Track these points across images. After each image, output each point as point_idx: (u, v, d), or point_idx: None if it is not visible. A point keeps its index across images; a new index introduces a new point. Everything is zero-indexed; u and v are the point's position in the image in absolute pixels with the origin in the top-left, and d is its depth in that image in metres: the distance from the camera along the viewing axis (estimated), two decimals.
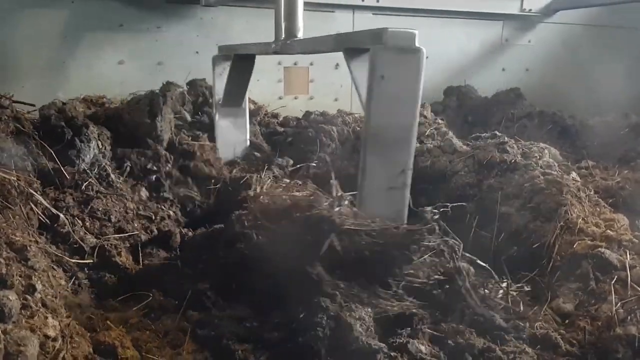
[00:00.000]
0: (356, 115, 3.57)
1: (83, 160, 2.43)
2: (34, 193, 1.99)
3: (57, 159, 2.31)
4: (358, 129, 3.35)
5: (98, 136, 2.55)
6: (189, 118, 3.13)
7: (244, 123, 3.08)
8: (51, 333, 1.15)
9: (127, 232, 2.18)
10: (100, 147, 2.54)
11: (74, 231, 1.98)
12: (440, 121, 3.59)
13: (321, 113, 3.60)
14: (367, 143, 1.69)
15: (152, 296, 1.76)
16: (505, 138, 2.94)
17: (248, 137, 3.14)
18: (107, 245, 2.00)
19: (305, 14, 2.66)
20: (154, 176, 2.60)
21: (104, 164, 2.46)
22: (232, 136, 3.05)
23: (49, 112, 2.48)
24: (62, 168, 2.27)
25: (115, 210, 2.22)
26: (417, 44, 1.58)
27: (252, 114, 3.37)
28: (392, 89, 1.60)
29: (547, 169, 2.61)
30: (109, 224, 2.15)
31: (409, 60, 1.58)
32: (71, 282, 1.79)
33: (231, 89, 2.95)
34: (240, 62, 2.88)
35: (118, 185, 2.41)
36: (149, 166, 2.60)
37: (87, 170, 2.38)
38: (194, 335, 1.54)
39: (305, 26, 2.53)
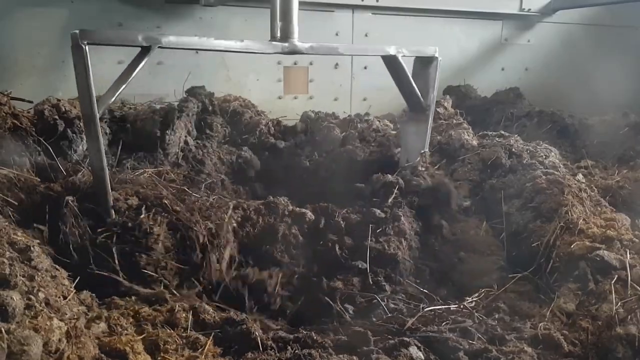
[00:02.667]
0: None
1: (75, 151, 2.45)
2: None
3: (52, 151, 2.32)
4: None
5: None
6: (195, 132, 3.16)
7: (424, 130, 2.90)
8: (56, 333, 1.15)
9: None
10: None
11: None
12: (460, 118, 3.57)
13: None
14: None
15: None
16: (512, 140, 2.93)
17: (427, 145, 2.94)
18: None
19: (305, 14, 2.65)
20: None
21: None
22: (412, 142, 2.94)
23: (42, 107, 2.50)
24: (56, 161, 2.27)
25: None
26: (81, 42, 1.85)
27: None
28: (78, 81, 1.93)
29: (552, 169, 2.61)
30: None
31: (74, 56, 1.88)
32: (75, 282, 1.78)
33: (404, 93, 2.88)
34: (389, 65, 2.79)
35: None
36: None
37: (80, 161, 2.38)
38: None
39: (305, 26, 2.52)
